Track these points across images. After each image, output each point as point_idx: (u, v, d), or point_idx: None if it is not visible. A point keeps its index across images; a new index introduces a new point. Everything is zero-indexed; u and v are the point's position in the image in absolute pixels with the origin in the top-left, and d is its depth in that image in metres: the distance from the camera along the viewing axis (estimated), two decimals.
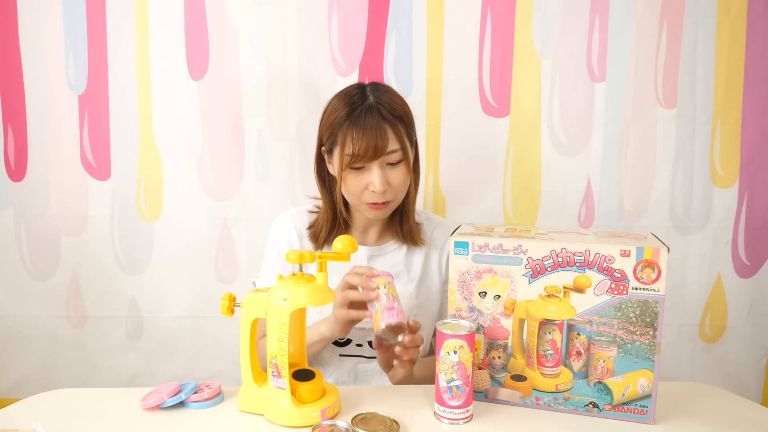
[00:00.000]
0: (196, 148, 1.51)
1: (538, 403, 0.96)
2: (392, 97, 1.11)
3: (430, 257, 1.22)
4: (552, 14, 1.46)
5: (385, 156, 1.06)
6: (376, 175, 1.07)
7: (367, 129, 1.04)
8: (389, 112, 1.07)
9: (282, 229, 1.22)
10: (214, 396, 0.97)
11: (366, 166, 1.08)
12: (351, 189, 1.10)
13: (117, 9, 1.47)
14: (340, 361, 1.19)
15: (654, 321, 0.89)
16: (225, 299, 0.94)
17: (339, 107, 1.09)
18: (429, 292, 1.21)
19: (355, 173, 1.09)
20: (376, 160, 1.07)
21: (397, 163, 1.09)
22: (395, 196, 1.11)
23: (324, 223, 1.18)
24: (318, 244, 1.19)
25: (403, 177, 1.10)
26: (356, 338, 1.18)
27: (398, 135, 1.07)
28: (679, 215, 1.52)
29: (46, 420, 0.88)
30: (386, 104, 1.08)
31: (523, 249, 0.93)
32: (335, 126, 1.09)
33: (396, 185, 1.09)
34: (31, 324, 1.57)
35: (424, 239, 1.21)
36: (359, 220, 1.20)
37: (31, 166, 1.52)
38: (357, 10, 1.46)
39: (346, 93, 1.11)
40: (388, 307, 0.96)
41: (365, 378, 1.20)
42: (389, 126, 1.06)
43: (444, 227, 1.25)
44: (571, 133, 1.50)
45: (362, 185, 1.09)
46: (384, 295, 0.97)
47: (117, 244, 1.55)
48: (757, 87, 1.47)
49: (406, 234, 1.19)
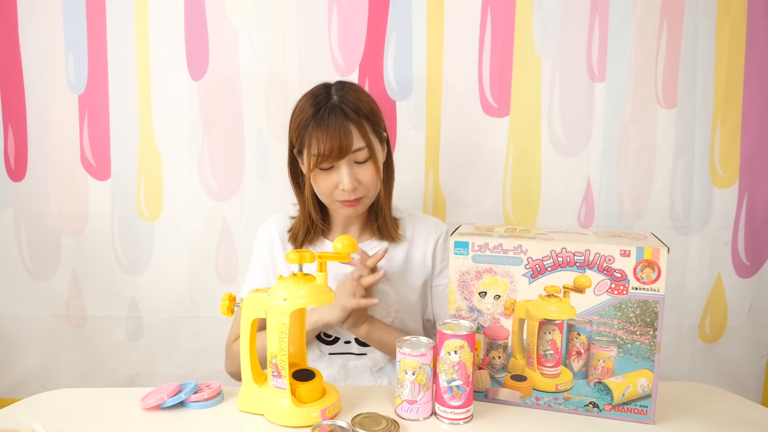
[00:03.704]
0: (196, 148, 1.51)
1: (538, 403, 0.96)
2: (357, 95, 1.12)
3: (412, 253, 1.22)
4: (552, 14, 1.46)
5: (352, 154, 1.08)
6: (344, 174, 1.08)
7: (331, 129, 1.06)
8: (353, 110, 1.08)
9: (264, 234, 1.25)
10: (214, 396, 0.97)
11: (334, 165, 1.09)
12: (322, 188, 1.12)
13: (117, 9, 1.47)
14: (330, 359, 1.21)
15: (654, 321, 0.89)
16: (225, 299, 0.94)
17: (305, 108, 1.11)
18: (412, 286, 1.22)
19: (324, 173, 1.10)
20: (343, 159, 1.08)
21: (364, 161, 1.11)
22: (366, 192, 1.13)
23: (300, 225, 1.20)
24: (296, 244, 1.21)
25: (371, 174, 1.11)
26: (343, 336, 1.20)
27: (363, 133, 1.09)
28: (678, 215, 1.52)
29: (46, 420, 0.89)
30: (350, 103, 1.09)
31: (523, 249, 0.93)
32: (302, 127, 1.10)
33: (365, 182, 1.11)
34: (31, 324, 1.57)
35: (403, 235, 1.22)
36: (337, 219, 1.22)
37: (31, 166, 1.52)
38: (357, 10, 1.46)
39: (312, 93, 1.13)
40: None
41: (356, 375, 1.21)
42: (353, 125, 1.08)
43: (427, 223, 1.26)
44: (571, 133, 1.50)
45: (332, 184, 1.11)
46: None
47: (117, 244, 1.55)
48: (757, 87, 1.47)
49: (382, 229, 1.20)
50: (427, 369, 0.91)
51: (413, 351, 0.90)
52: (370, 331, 1.16)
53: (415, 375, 0.90)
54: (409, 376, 0.91)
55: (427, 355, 0.91)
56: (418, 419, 0.92)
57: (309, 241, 1.21)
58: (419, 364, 0.90)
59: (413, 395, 0.91)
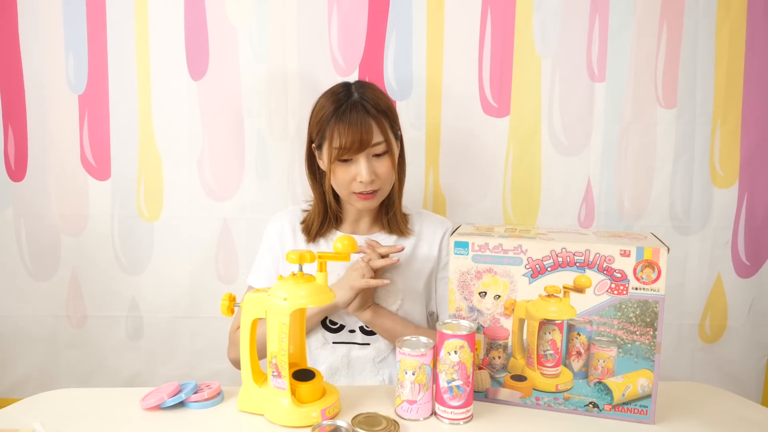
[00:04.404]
0: (196, 148, 1.51)
1: (538, 403, 0.96)
2: (376, 93, 1.17)
3: (418, 247, 1.25)
4: (552, 14, 1.46)
5: (371, 148, 1.13)
6: (363, 166, 1.12)
7: (353, 123, 1.11)
8: (373, 107, 1.13)
9: (275, 226, 1.28)
10: (214, 396, 0.97)
11: (353, 158, 1.13)
12: (340, 180, 1.16)
13: (117, 9, 1.47)
14: (333, 348, 1.22)
15: (654, 321, 0.89)
16: (225, 299, 0.94)
17: (326, 105, 1.16)
18: (418, 276, 1.24)
19: (343, 166, 1.14)
20: (362, 152, 1.12)
21: (382, 155, 1.15)
22: (382, 185, 1.17)
23: (315, 216, 1.24)
24: (310, 236, 1.24)
25: (388, 167, 1.16)
26: (349, 324, 1.21)
27: (382, 128, 1.14)
28: (678, 215, 1.52)
29: (46, 420, 0.89)
30: (370, 100, 1.14)
31: (523, 249, 0.93)
32: (323, 122, 1.15)
33: (382, 175, 1.15)
34: (31, 324, 1.57)
35: (411, 230, 1.26)
36: (350, 212, 1.25)
37: (31, 166, 1.52)
38: (357, 10, 1.46)
39: (333, 92, 1.18)
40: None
41: (359, 365, 1.22)
42: (373, 120, 1.13)
43: (434, 220, 1.30)
44: (571, 133, 1.50)
45: (350, 176, 1.14)
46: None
47: (117, 244, 1.54)
48: (757, 87, 1.47)
49: (392, 223, 1.24)
50: (427, 369, 0.91)
51: (413, 351, 0.90)
52: (374, 316, 1.18)
53: (415, 375, 0.90)
54: (409, 376, 0.91)
55: (427, 355, 0.91)
56: (418, 419, 0.92)
57: (322, 233, 1.24)
58: (419, 364, 0.90)
59: (413, 395, 0.91)
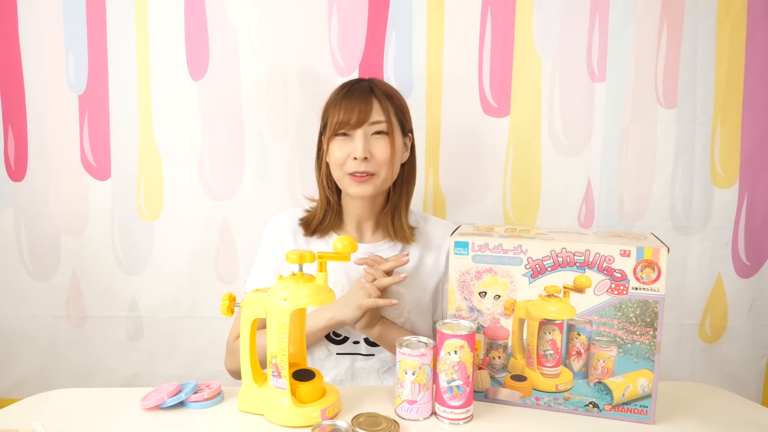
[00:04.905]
0: (196, 148, 1.51)
1: (538, 403, 0.96)
2: (388, 86, 1.20)
3: (424, 257, 1.22)
4: (552, 14, 1.46)
5: (369, 126, 1.13)
6: (358, 140, 1.12)
7: (354, 98, 1.13)
8: (381, 91, 1.16)
9: (275, 229, 1.26)
10: (214, 396, 0.97)
11: (351, 133, 1.13)
12: (335, 158, 1.15)
13: (117, 9, 1.47)
14: (337, 359, 1.20)
15: (654, 321, 0.89)
16: (225, 299, 0.94)
17: (336, 91, 1.19)
18: (424, 287, 1.22)
19: (340, 142, 1.14)
20: (360, 128, 1.12)
21: (380, 135, 1.14)
22: (377, 170, 1.13)
23: (318, 210, 1.22)
24: (309, 230, 1.22)
25: (385, 149, 1.13)
26: (353, 335, 1.19)
27: (384, 109, 1.14)
28: (679, 215, 1.52)
29: (46, 420, 0.89)
30: (380, 85, 1.18)
31: (523, 249, 0.93)
32: (329, 104, 1.18)
33: (378, 157, 1.13)
34: (31, 324, 1.57)
35: (417, 238, 1.22)
36: (351, 211, 1.22)
37: (31, 166, 1.52)
38: (357, 10, 1.46)
39: (346, 83, 1.21)
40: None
41: (363, 376, 1.20)
42: (376, 99, 1.14)
43: (440, 226, 1.26)
44: (571, 133, 1.50)
45: (345, 153, 1.13)
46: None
47: (117, 244, 1.54)
48: (757, 87, 1.47)
49: (397, 230, 1.20)
50: (427, 369, 0.91)
51: (413, 351, 0.90)
52: (383, 333, 1.15)
53: (415, 375, 0.90)
54: (409, 376, 0.91)
55: (427, 355, 0.91)
56: (418, 419, 0.92)
57: (321, 231, 1.21)
58: (419, 364, 0.90)
59: (413, 395, 0.91)
